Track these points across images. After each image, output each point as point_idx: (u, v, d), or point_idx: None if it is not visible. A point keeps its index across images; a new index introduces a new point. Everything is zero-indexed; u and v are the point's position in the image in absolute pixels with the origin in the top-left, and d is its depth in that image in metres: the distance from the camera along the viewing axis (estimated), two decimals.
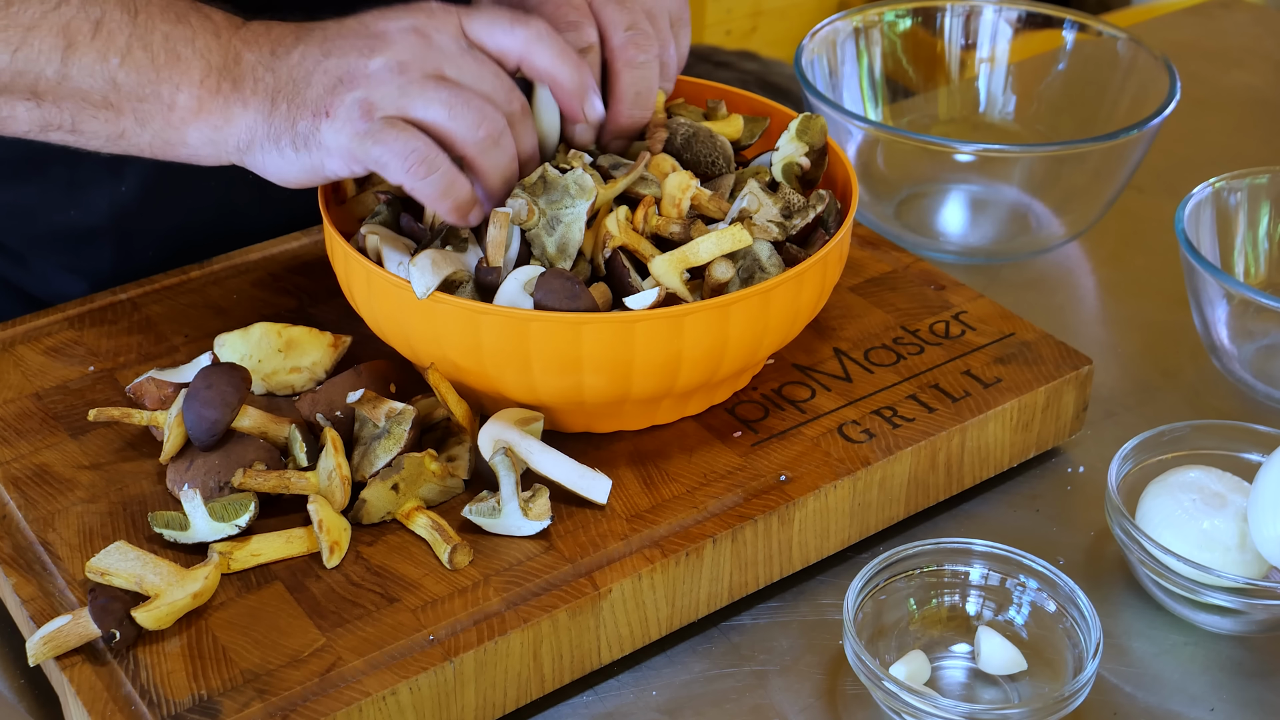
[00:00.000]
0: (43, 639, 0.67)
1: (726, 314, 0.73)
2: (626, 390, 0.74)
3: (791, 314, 0.76)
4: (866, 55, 1.15)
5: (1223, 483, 0.78)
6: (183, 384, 0.79)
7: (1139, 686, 0.74)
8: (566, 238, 0.76)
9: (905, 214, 1.08)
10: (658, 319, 0.72)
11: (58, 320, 0.88)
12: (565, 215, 0.75)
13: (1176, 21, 1.44)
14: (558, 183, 0.76)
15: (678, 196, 0.78)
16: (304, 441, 0.75)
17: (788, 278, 0.75)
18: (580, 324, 0.72)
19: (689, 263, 0.75)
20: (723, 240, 0.74)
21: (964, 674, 0.74)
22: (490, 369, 0.74)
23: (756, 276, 0.77)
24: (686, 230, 0.77)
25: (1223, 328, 0.92)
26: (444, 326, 0.73)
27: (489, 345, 0.73)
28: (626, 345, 0.72)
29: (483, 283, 0.75)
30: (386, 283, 0.74)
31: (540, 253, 0.76)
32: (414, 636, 0.68)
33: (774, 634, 0.77)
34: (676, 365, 0.74)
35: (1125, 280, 1.06)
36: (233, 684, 0.66)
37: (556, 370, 0.73)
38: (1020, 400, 0.83)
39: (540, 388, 0.74)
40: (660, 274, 0.75)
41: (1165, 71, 1.06)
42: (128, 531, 0.74)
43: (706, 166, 0.83)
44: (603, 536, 0.74)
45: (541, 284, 0.73)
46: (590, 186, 0.75)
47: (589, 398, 0.74)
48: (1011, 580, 0.76)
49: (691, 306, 0.72)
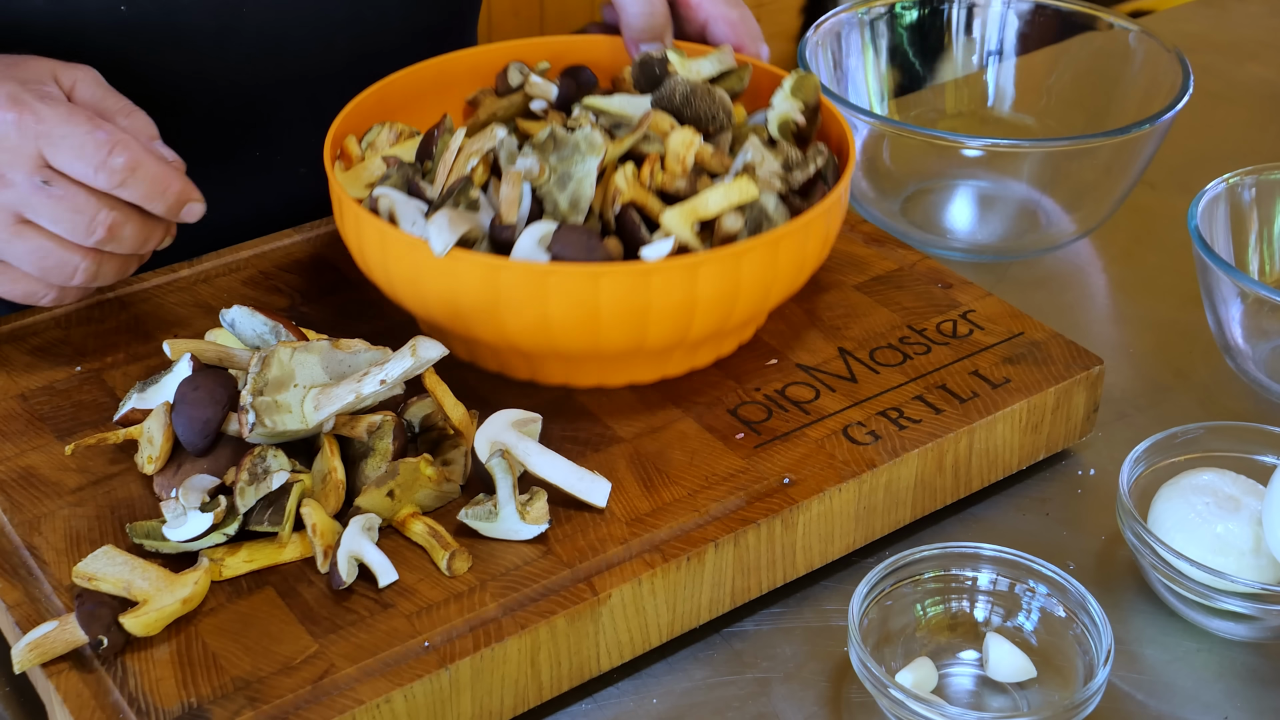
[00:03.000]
0: (28, 646, 0.67)
1: (738, 263, 0.77)
2: (642, 340, 0.77)
3: (798, 262, 0.80)
4: (872, 47, 1.15)
5: (1237, 485, 0.78)
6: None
7: (1151, 694, 0.74)
8: (578, 193, 0.78)
9: (912, 210, 1.08)
10: (673, 268, 0.75)
11: (44, 319, 0.88)
12: (576, 171, 0.78)
13: (1189, 13, 1.43)
14: (567, 140, 0.78)
15: (682, 153, 0.81)
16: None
17: (796, 227, 0.78)
18: (598, 275, 0.75)
19: (699, 215, 0.79)
20: (731, 193, 0.78)
21: (972, 681, 0.74)
22: (509, 323, 0.76)
23: (764, 227, 0.80)
24: (692, 185, 0.81)
25: (1237, 327, 0.92)
26: (462, 283, 0.76)
27: (507, 299, 0.75)
28: (643, 295, 0.75)
29: (498, 240, 0.78)
30: (402, 243, 0.76)
31: (552, 208, 0.79)
32: (409, 643, 0.68)
33: (777, 641, 0.76)
34: (691, 313, 0.77)
35: (1137, 278, 1.05)
36: (223, 692, 0.66)
37: (574, 322, 0.76)
38: (1029, 401, 0.83)
39: (558, 340, 0.77)
40: (672, 226, 0.78)
41: (1178, 64, 1.06)
42: (116, 535, 0.74)
43: (707, 122, 0.86)
44: (602, 540, 0.73)
45: (559, 238, 0.76)
46: (600, 143, 0.78)
47: (605, 348, 0.77)
48: (1020, 585, 0.75)
49: (705, 255, 0.76)
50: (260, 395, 0.72)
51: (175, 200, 0.79)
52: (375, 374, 0.72)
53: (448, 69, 0.94)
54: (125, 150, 0.76)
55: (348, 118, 0.87)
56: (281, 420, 0.72)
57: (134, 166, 0.76)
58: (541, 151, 0.79)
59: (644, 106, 0.86)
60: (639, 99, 0.87)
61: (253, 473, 0.71)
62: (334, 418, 0.73)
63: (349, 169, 0.86)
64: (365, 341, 0.75)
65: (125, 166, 0.76)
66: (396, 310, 0.88)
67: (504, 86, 0.93)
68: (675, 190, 0.81)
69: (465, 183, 0.79)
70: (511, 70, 0.93)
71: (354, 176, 0.86)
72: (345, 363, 0.75)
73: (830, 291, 0.91)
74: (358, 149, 0.86)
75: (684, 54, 0.90)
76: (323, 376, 0.74)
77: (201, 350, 0.77)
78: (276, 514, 0.72)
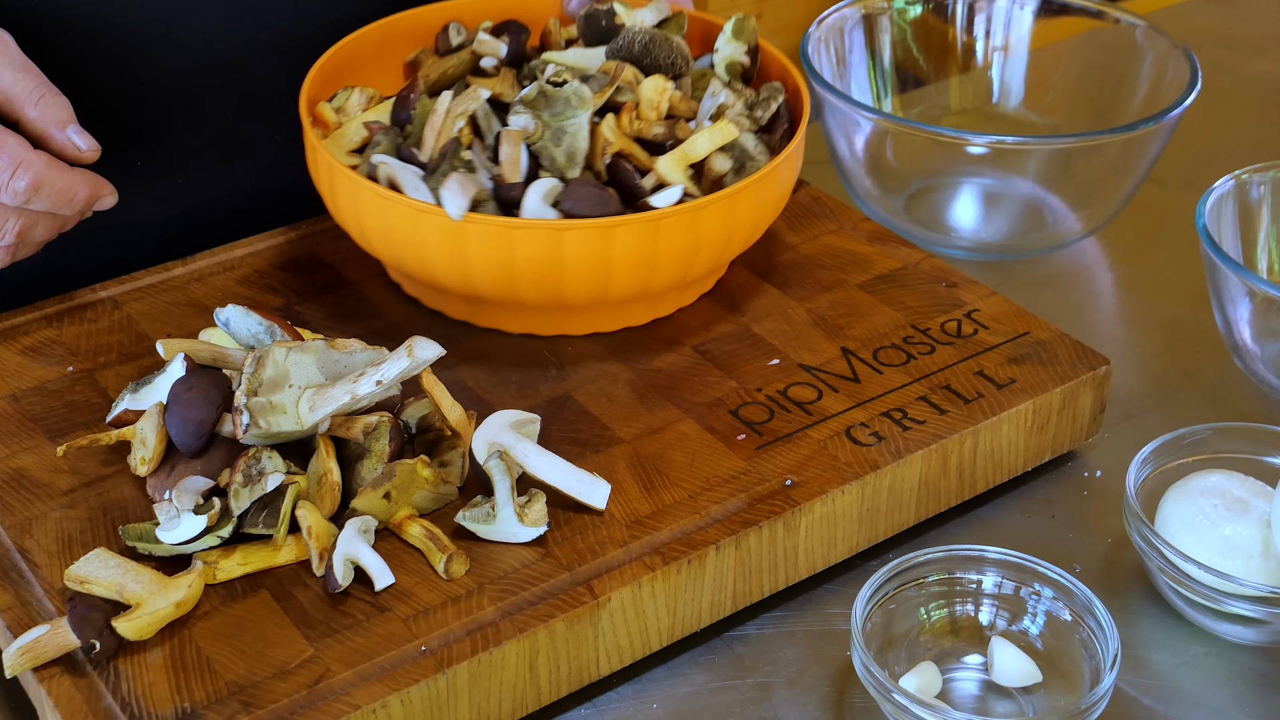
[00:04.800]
0: (20, 650, 0.66)
1: (735, 201, 0.81)
2: (649, 284, 0.81)
3: (780, 194, 0.86)
4: (875, 43, 1.15)
5: (1245, 487, 0.78)
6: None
7: (1158, 699, 0.74)
8: (574, 147, 0.81)
9: (915, 208, 1.08)
10: (681, 214, 0.79)
11: (35, 319, 0.88)
12: (569, 126, 0.81)
13: (1197, 8, 1.43)
14: (557, 96, 0.81)
15: (656, 100, 0.85)
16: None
17: (781, 161, 0.83)
18: (612, 227, 0.78)
19: (690, 159, 0.83)
20: (715, 135, 0.83)
21: (977, 686, 0.74)
22: (522, 282, 0.79)
23: (747, 165, 0.85)
24: (671, 130, 0.85)
25: (1245, 326, 0.91)
26: (476, 246, 0.78)
27: (522, 259, 0.78)
28: (652, 242, 0.79)
29: (505, 199, 0.80)
30: (410, 209, 0.78)
31: (550, 164, 0.82)
32: (405, 647, 0.68)
33: (779, 645, 0.76)
34: (694, 254, 0.81)
35: (1144, 277, 1.05)
36: (217, 696, 0.66)
37: (587, 274, 0.79)
38: (1035, 402, 0.82)
39: (570, 294, 0.80)
40: (666, 173, 0.82)
41: (1185, 60, 1.06)
42: (108, 538, 0.73)
43: (667, 68, 0.89)
44: (601, 543, 0.73)
45: (569, 194, 0.79)
46: (589, 96, 0.81)
47: (613, 296, 0.81)
48: (1026, 589, 0.75)
49: (710, 198, 0.80)
50: (255, 396, 0.71)
51: (84, 204, 0.81)
52: (371, 374, 0.72)
53: (389, 31, 0.94)
54: (26, 171, 0.78)
55: (311, 83, 0.88)
56: (276, 421, 0.72)
57: (37, 186, 0.78)
58: (533, 108, 0.81)
59: (598, 58, 0.89)
60: (593, 51, 0.89)
61: (247, 474, 0.71)
62: (329, 419, 0.73)
63: (327, 136, 0.87)
64: (361, 341, 0.75)
65: (29, 188, 0.78)
66: (393, 310, 0.88)
67: (445, 46, 0.94)
68: (654, 137, 0.84)
69: (455, 144, 0.80)
70: (451, 30, 0.94)
71: (333, 143, 0.86)
72: (341, 363, 0.74)
73: (833, 290, 0.90)
74: (333, 115, 0.86)
75: (627, 5, 0.92)
76: (318, 377, 0.74)
77: (195, 350, 0.76)
78: (271, 516, 0.71)
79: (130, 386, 0.78)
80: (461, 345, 0.85)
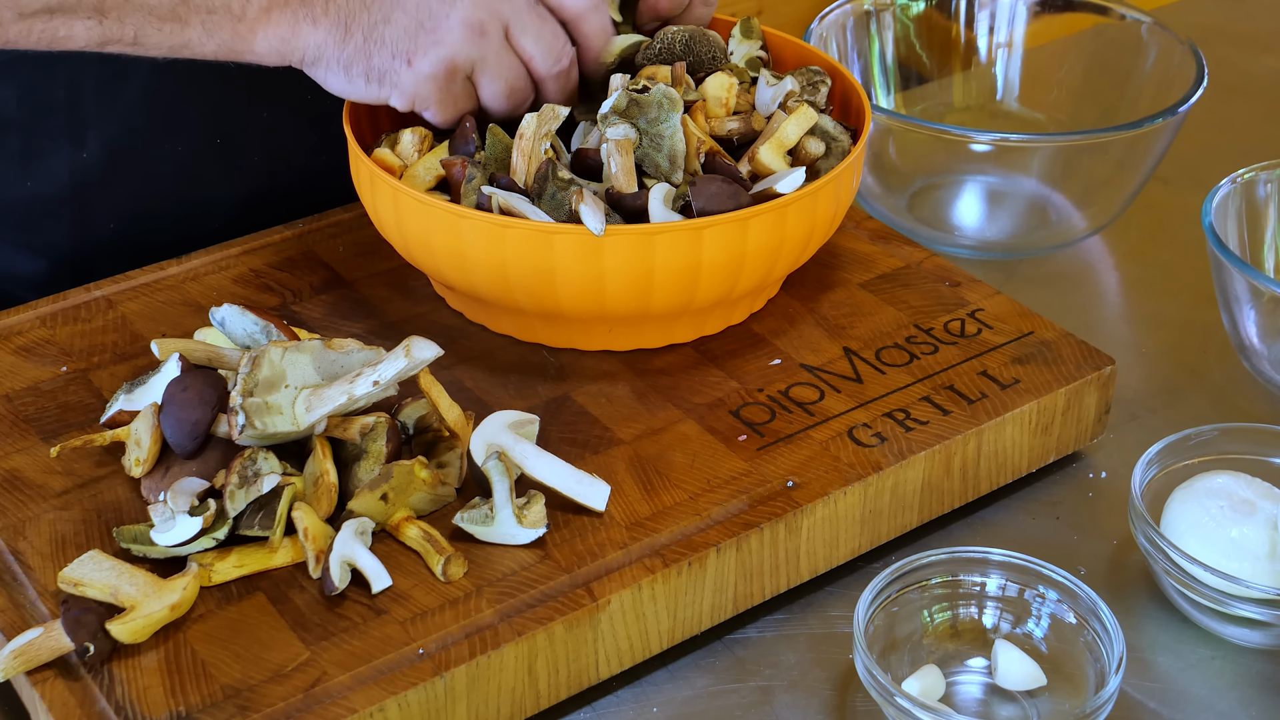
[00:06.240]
0: (13, 653, 0.66)
1: (838, 182, 0.83)
2: (768, 274, 0.83)
3: (858, 171, 0.88)
4: (878, 40, 1.15)
5: (1252, 489, 0.78)
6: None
7: (1164, 703, 0.74)
8: (674, 149, 0.82)
9: (918, 207, 1.07)
10: (804, 197, 0.80)
11: (29, 318, 0.88)
12: (665, 130, 0.82)
13: (1203, 4, 1.43)
14: (649, 101, 0.82)
15: (724, 96, 0.87)
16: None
17: (869, 138, 0.89)
18: (747, 219, 0.79)
19: (785, 146, 0.85)
20: (800, 121, 0.85)
21: (980, 690, 0.73)
22: (658, 288, 0.79)
23: (833, 146, 0.87)
24: (746, 123, 0.86)
25: (1252, 326, 0.91)
26: (616, 258, 0.78)
27: (661, 264, 0.78)
28: (779, 229, 0.80)
29: (629, 209, 0.80)
30: (535, 231, 0.77)
31: (653, 169, 0.83)
32: (403, 650, 0.67)
33: (781, 648, 0.76)
34: (809, 236, 0.83)
35: (1149, 276, 1.05)
36: (212, 700, 0.65)
37: (721, 271, 0.80)
38: (1039, 402, 0.82)
39: (701, 296, 0.81)
40: (769, 161, 0.84)
41: (1191, 57, 1.05)
42: (102, 540, 0.73)
43: (709, 63, 0.90)
44: (601, 545, 0.73)
45: (699, 192, 0.79)
46: (678, 97, 0.82)
47: (742, 288, 0.82)
48: (1030, 591, 0.75)
49: (824, 180, 0.81)
50: (250, 396, 0.71)
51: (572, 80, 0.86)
52: (368, 375, 0.71)
53: None
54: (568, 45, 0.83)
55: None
56: (272, 422, 0.71)
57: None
58: (627, 117, 0.81)
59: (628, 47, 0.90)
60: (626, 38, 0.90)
61: (243, 476, 0.71)
62: (326, 419, 0.73)
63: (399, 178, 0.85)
64: (358, 341, 0.75)
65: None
66: (391, 309, 0.88)
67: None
68: (728, 133, 0.86)
69: (550, 165, 0.80)
70: None
71: (408, 185, 0.84)
72: (338, 363, 0.74)
73: (835, 290, 0.90)
74: (396, 160, 0.86)
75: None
76: (315, 377, 0.73)
77: (190, 350, 0.76)
78: (267, 518, 0.71)
79: (125, 387, 0.78)
80: (460, 345, 0.85)
